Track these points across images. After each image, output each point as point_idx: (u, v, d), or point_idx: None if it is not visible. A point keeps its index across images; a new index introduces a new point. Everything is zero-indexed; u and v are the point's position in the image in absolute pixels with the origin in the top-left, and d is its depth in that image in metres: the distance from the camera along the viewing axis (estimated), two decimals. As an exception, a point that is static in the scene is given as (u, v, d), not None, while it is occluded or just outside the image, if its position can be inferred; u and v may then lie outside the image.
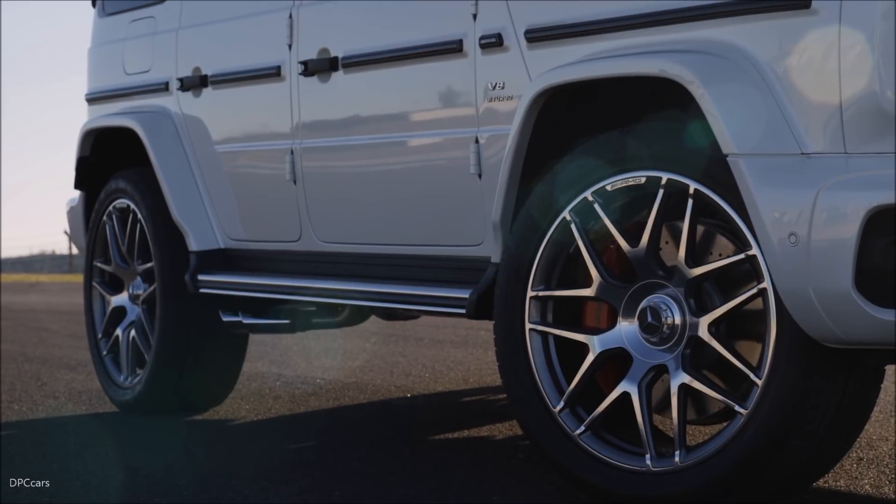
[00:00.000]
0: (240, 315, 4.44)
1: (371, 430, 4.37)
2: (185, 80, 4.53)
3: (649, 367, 3.06)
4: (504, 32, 3.38)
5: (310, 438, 4.27)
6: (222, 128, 4.45)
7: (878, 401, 4.59)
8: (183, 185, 4.54)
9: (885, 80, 2.64)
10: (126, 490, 3.53)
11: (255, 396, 5.14)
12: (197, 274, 4.46)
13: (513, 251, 3.24)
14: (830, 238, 2.64)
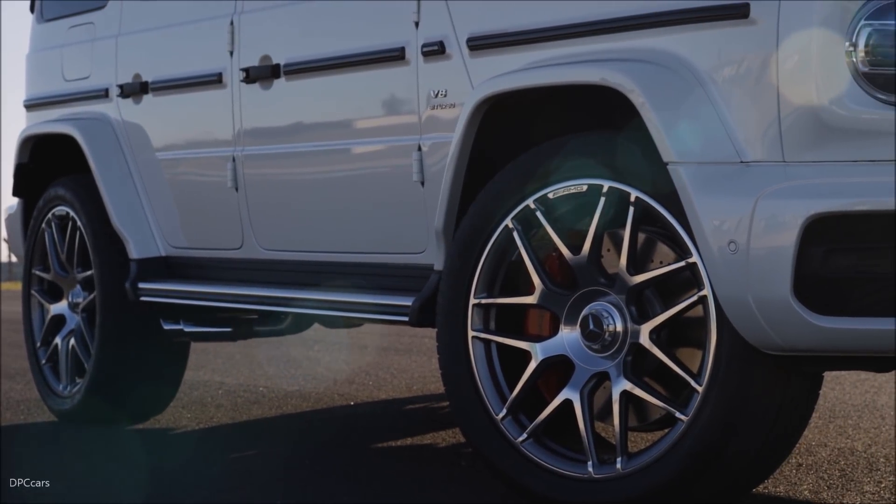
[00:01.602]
0: (181, 323, 4.42)
1: (314, 439, 4.35)
2: (125, 86, 4.50)
3: (591, 375, 3.07)
4: (446, 40, 3.38)
5: (252, 447, 4.25)
6: (163, 135, 4.42)
7: (817, 407, 4.64)
8: (123, 193, 4.50)
9: (823, 90, 2.67)
10: (61, 502, 3.49)
11: (197, 405, 5.11)
12: (137, 282, 4.42)
13: (455, 259, 3.24)
14: (769, 246, 2.67)
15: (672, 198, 2.84)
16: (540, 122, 3.28)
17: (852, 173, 2.68)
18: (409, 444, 4.21)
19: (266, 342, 7.21)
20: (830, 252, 2.65)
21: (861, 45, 2.66)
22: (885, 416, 4.51)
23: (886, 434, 4.18)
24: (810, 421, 4.04)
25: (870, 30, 2.65)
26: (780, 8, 2.69)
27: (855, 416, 4.53)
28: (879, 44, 2.65)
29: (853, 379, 5.37)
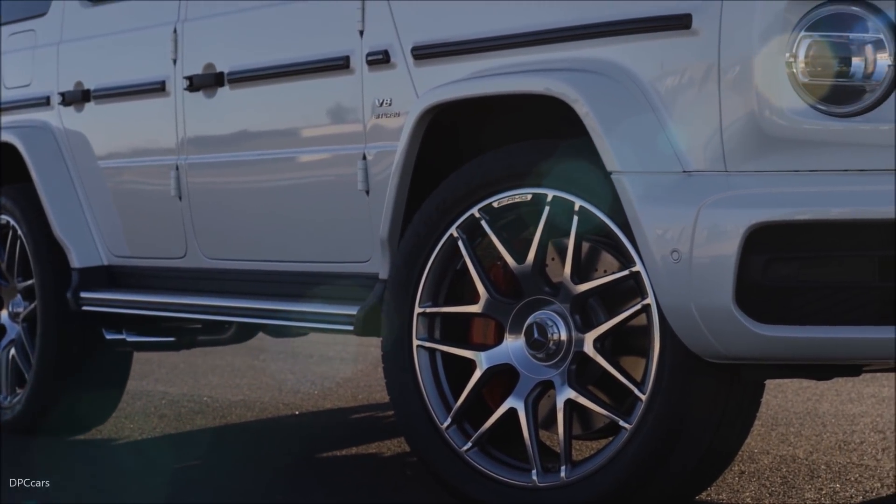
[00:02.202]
0: (123, 333, 4.38)
1: (258, 448, 4.33)
2: (66, 94, 4.46)
3: (536, 383, 3.08)
4: (391, 49, 3.38)
5: (195, 457, 4.22)
6: (105, 143, 4.38)
7: (760, 414, 4.68)
8: (65, 202, 4.46)
9: (764, 100, 2.70)
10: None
11: (140, 415, 5.07)
12: (79, 291, 4.38)
13: (400, 268, 3.24)
14: (711, 255, 2.69)
15: (616, 207, 2.85)
16: (487, 130, 3.29)
17: (793, 183, 2.71)
18: (355, 454, 4.20)
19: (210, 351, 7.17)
20: (772, 261, 2.67)
21: (801, 56, 2.69)
22: (826, 424, 4.55)
23: (827, 441, 4.23)
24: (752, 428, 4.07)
25: (810, 41, 2.68)
26: (721, 19, 2.72)
27: (797, 423, 4.57)
28: (819, 55, 2.68)
29: (795, 387, 5.42)
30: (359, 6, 3.46)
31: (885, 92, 2.69)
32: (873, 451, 4.04)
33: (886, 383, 5.48)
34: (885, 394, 5.23)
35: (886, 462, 3.88)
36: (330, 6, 3.54)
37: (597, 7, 2.98)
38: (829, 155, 2.71)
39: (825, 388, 5.39)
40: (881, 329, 2.66)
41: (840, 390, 5.32)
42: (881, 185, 2.69)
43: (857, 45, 2.68)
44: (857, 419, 4.63)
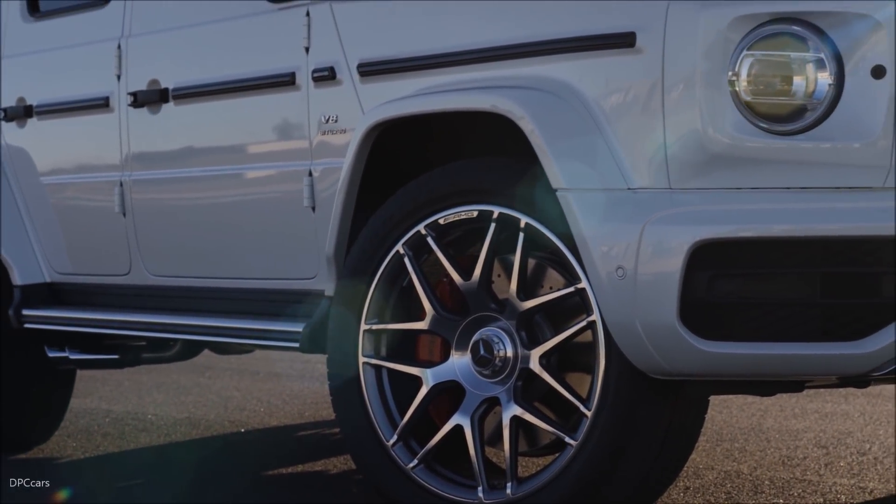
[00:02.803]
0: (66, 351, 4.34)
1: (203, 467, 4.30)
2: (8, 110, 4.42)
3: (482, 400, 3.08)
4: (337, 66, 3.38)
5: (139, 476, 4.18)
6: (48, 159, 4.35)
7: (705, 430, 4.71)
8: (7, 218, 4.42)
9: (707, 118, 2.72)
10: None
11: (83, 434, 5.02)
12: (21, 308, 4.33)
13: (346, 284, 3.23)
14: (656, 271, 2.70)
15: (561, 224, 2.86)
16: (434, 146, 3.30)
17: (737, 200, 2.73)
18: (301, 472, 4.18)
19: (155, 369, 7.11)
20: (715, 277, 2.69)
21: (743, 75, 2.71)
22: (771, 439, 4.59)
23: (771, 457, 4.26)
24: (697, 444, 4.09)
25: (752, 60, 2.71)
26: (665, 37, 2.74)
27: (741, 439, 4.60)
28: (761, 73, 2.71)
29: (740, 402, 5.45)
30: (304, 23, 3.46)
31: (826, 110, 2.72)
32: (816, 467, 4.08)
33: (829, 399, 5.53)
34: (828, 409, 5.28)
35: (829, 477, 3.92)
36: (276, 23, 3.54)
37: (542, 25, 2.99)
38: (771, 172, 2.74)
39: (769, 403, 5.43)
40: (823, 345, 2.69)
41: (784, 406, 5.36)
42: (823, 203, 2.72)
43: (798, 63, 2.71)
44: (801, 434, 4.67)
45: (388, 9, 3.33)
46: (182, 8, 3.85)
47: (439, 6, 3.24)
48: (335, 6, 3.41)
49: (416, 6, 3.28)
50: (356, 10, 3.38)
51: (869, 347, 2.66)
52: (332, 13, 3.41)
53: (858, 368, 2.69)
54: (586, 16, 2.92)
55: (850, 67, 2.71)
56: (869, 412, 5.18)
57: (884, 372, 2.69)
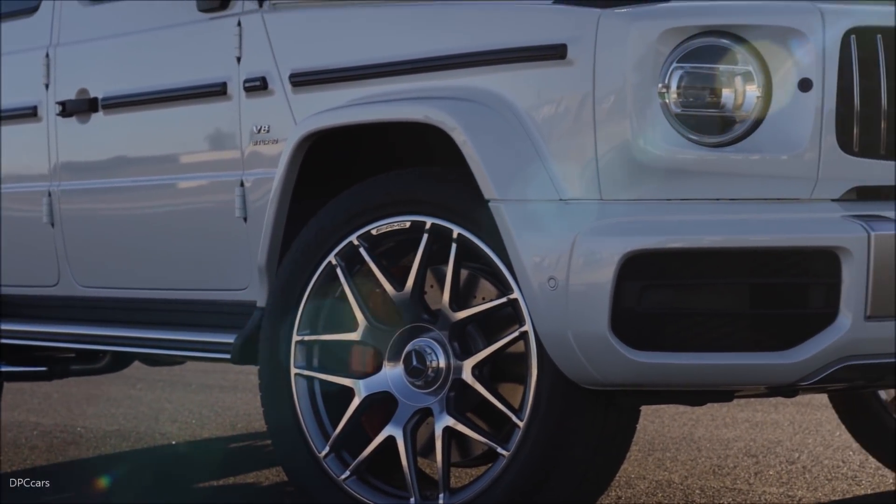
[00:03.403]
0: (-7, 363, 4.28)
1: (133, 480, 4.25)
2: (-64, 118, 4.35)
3: (414, 411, 3.07)
4: (268, 76, 3.37)
5: (68, 489, 4.13)
6: (-24, 169, 4.29)
7: (637, 439, 4.74)
8: (-67, 228, 4.35)
9: (638, 130, 2.74)
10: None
11: (10, 447, 4.94)
12: (-53, 320, 4.27)
13: (278, 295, 3.22)
14: (587, 282, 2.71)
15: (494, 234, 2.87)
16: (368, 157, 3.29)
17: (667, 211, 2.75)
18: (232, 484, 4.15)
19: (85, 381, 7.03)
20: (646, 288, 2.71)
21: (673, 87, 2.74)
22: (702, 448, 4.62)
23: (702, 466, 4.29)
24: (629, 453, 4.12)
25: (681, 72, 2.74)
26: (596, 49, 2.76)
27: (673, 448, 4.63)
28: (691, 85, 2.74)
29: (672, 412, 5.49)
30: (236, 32, 3.44)
31: (754, 122, 2.76)
32: (746, 476, 4.11)
33: (760, 408, 5.59)
34: (759, 418, 5.33)
35: (758, 486, 3.96)
36: (207, 32, 3.52)
37: (475, 36, 3.00)
38: (701, 184, 2.76)
39: (701, 413, 5.48)
40: (752, 355, 2.72)
41: (715, 415, 5.41)
42: (751, 214, 2.75)
43: (727, 76, 2.74)
44: (731, 444, 4.71)
45: (321, 19, 3.33)
46: (112, 17, 3.82)
47: (372, 17, 3.24)
48: (267, 16, 3.40)
49: (349, 17, 3.28)
50: (288, 21, 3.38)
51: (797, 357, 2.69)
52: (264, 23, 3.40)
53: (786, 378, 2.72)
54: (519, 27, 2.94)
55: (778, 80, 2.75)
56: (798, 421, 5.24)
57: (811, 381, 2.72)
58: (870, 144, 2.79)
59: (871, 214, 2.75)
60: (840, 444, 4.65)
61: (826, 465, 4.27)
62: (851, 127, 2.77)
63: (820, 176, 2.76)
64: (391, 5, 3.24)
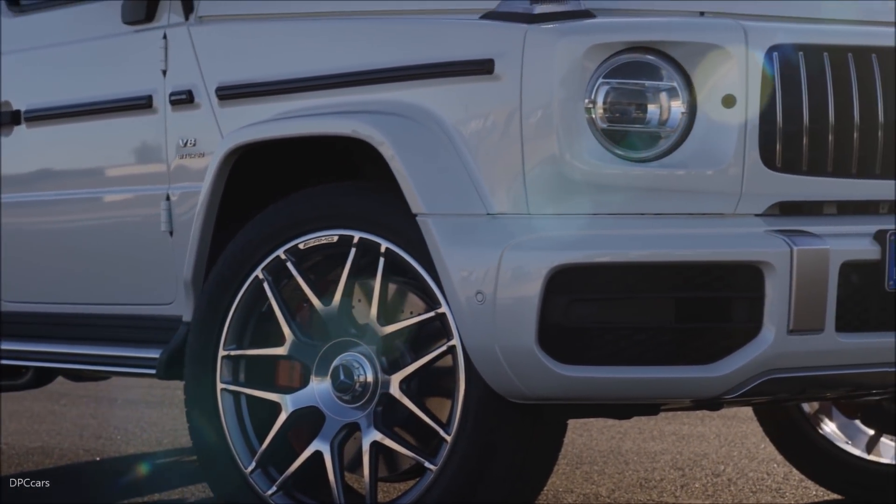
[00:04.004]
0: (-87, 379, 4.20)
1: (56, 498, 4.19)
2: None
3: (342, 426, 3.06)
4: (195, 89, 3.35)
5: (-10, 508, 4.07)
6: None
7: (565, 453, 4.75)
8: None
9: (565, 145, 2.76)
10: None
11: (-69, 465, 4.86)
12: None
13: (204, 310, 3.19)
14: (515, 296, 2.72)
15: (422, 249, 2.87)
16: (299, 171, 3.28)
17: (594, 226, 2.77)
18: (158, 500, 4.11)
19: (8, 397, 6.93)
20: (573, 302, 2.72)
21: (600, 102, 2.76)
22: (629, 462, 4.65)
23: (629, 479, 4.32)
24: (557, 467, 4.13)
25: (608, 87, 2.76)
26: (523, 65, 2.77)
27: (601, 461, 4.65)
28: (617, 101, 2.76)
29: (600, 425, 5.52)
30: (161, 45, 3.42)
31: (679, 138, 2.78)
32: (672, 489, 4.14)
33: (686, 421, 5.64)
34: (685, 431, 5.38)
35: (684, 498, 3.99)
36: (132, 45, 3.50)
37: (403, 50, 3.00)
38: (627, 198, 2.78)
39: (628, 426, 5.51)
40: (678, 369, 2.74)
41: (643, 428, 5.44)
42: (676, 229, 2.78)
43: (652, 92, 2.77)
44: (658, 457, 4.74)
45: (248, 33, 3.32)
46: (37, 28, 3.79)
47: (300, 31, 3.24)
48: (193, 29, 3.38)
49: (277, 31, 3.28)
50: (215, 34, 3.36)
51: (721, 371, 2.72)
52: (190, 36, 3.38)
53: (711, 391, 2.75)
54: (447, 42, 2.94)
55: (702, 96, 2.78)
56: (724, 434, 5.29)
57: (735, 395, 2.75)
58: (792, 160, 2.83)
59: (794, 229, 2.78)
60: (765, 457, 4.70)
61: (751, 478, 4.31)
62: (774, 143, 2.81)
63: (744, 191, 2.79)
64: (319, 20, 3.24)
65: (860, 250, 2.81)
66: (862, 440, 3.89)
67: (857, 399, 3.51)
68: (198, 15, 3.40)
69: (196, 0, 3.40)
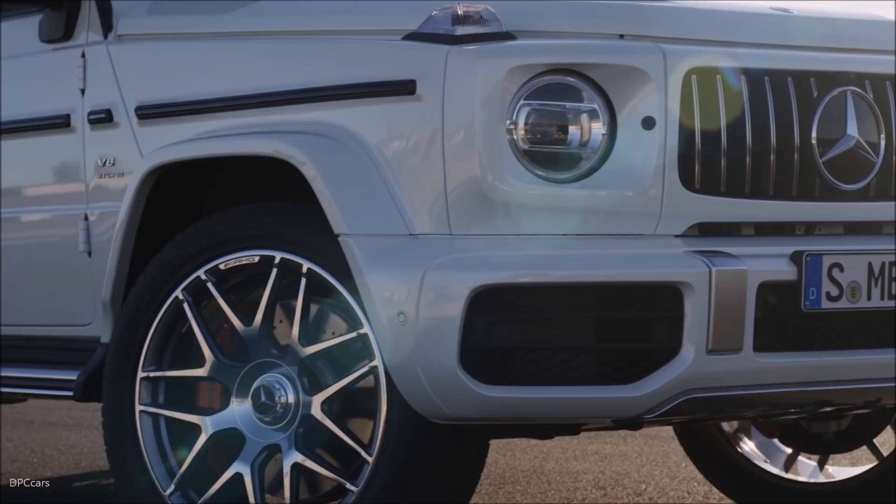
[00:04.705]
0: None
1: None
2: None
3: (262, 447, 3.04)
4: (114, 108, 3.32)
5: None
6: None
7: (488, 473, 4.76)
8: None
9: (486, 166, 2.77)
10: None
11: None
12: None
13: (123, 331, 3.16)
14: (437, 317, 2.72)
15: (344, 269, 2.86)
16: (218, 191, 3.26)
17: (516, 246, 2.78)
18: (76, 525, 4.05)
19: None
20: (495, 323, 2.73)
21: (521, 124, 2.77)
22: (551, 481, 4.66)
23: (552, 499, 4.33)
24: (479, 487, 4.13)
25: (529, 109, 2.77)
26: (445, 86, 2.78)
27: (523, 481, 4.66)
28: (538, 122, 2.78)
29: (523, 445, 5.53)
30: (80, 64, 3.39)
31: (599, 159, 2.81)
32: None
33: (609, 440, 5.67)
34: (608, 451, 5.40)
35: (607, 517, 4.00)
36: (51, 63, 3.47)
37: (326, 71, 3.00)
38: (549, 219, 2.80)
39: (551, 445, 5.53)
40: (599, 389, 2.76)
41: (565, 448, 5.47)
42: (597, 250, 2.80)
43: (573, 114, 2.79)
44: (581, 476, 4.76)
45: (169, 52, 3.30)
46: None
47: (221, 50, 3.23)
48: (112, 48, 3.36)
49: (198, 50, 3.26)
50: (135, 53, 3.34)
51: (641, 391, 2.74)
52: (109, 55, 3.36)
53: (631, 411, 2.77)
54: (370, 63, 2.95)
55: (623, 118, 2.80)
56: (646, 453, 5.33)
57: (655, 414, 2.77)
58: (711, 182, 2.86)
59: (713, 250, 2.82)
60: (685, 476, 4.74)
61: (672, 497, 4.34)
62: (693, 164, 2.84)
63: (663, 212, 2.82)
64: (241, 39, 3.23)
65: (777, 271, 2.85)
66: (780, 459, 3.94)
67: (775, 418, 3.55)
68: (117, 33, 3.38)
69: (115, 18, 3.38)
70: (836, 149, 2.96)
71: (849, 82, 2.99)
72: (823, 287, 2.87)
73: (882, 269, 2.93)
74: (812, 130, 2.94)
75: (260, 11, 3.32)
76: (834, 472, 3.91)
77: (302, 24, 3.16)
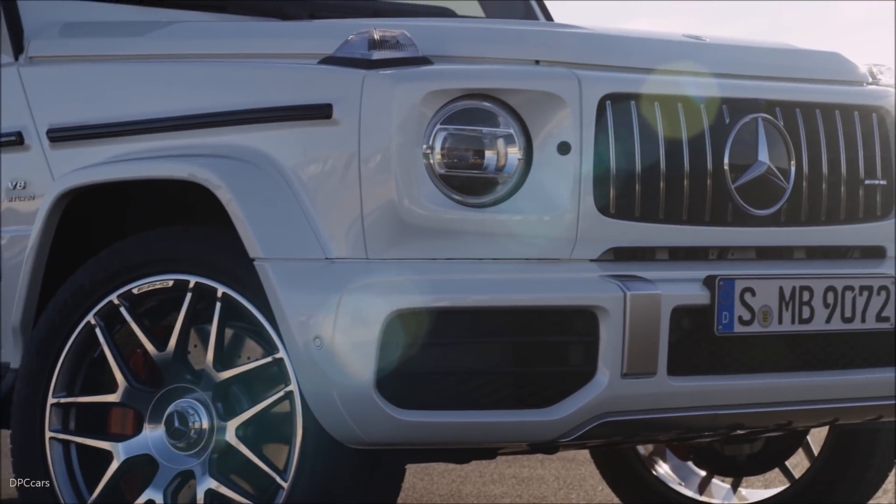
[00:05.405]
0: None
1: None
2: None
3: (176, 473, 3.01)
4: (25, 131, 3.28)
5: None
6: None
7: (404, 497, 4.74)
8: None
9: (403, 190, 2.77)
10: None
11: None
12: None
13: (33, 356, 3.11)
14: (353, 341, 2.71)
15: (259, 293, 2.84)
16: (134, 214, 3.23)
17: (432, 271, 2.79)
18: (-16, 554, 3.97)
19: None
20: (411, 347, 2.73)
21: (437, 148, 2.78)
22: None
23: (469, 522, 4.32)
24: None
25: (445, 133, 2.78)
26: (361, 110, 2.78)
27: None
28: (454, 147, 2.79)
29: (440, 469, 5.52)
30: (-10, 85, 3.36)
31: (516, 184, 2.82)
32: (512, 531, 4.16)
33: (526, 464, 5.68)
34: (525, 474, 5.41)
35: (524, 541, 4.01)
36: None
37: (241, 94, 2.99)
38: (466, 244, 2.81)
39: (469, 469, 5.53)
40: (515, 413, 2.77)
41: (483, 472, 5.46)
42: (514, 273, 2.81)
43: (489, 138, 2.80)
44: (498, 500, 4.76)
45: (82, 74, 3.27)
46: None
47: (135, 73, 3.20)
48: (23, 70, 3.32)
49: (111, 72, 3.24)
50: (47, 75, 3.31)
51: (556, 414, 2.75)
52: (20, 76, 3.32)
53: (547, 435, 2.78)
54: (286, 87, 2.94)
55: (538, 143, 2.82)
56: (563, 476, 5.34)
57: (571, 438, 2.79)
58: (625, 206, 2.89)
59: (628, 275, 2.84)
60: (602, 499, 4.76)
61: (588, 520, 4.36)
62: (608, 189, 2.87)
63: (579, 237, 2.84)
64: (156, 62, 3.21)
65: (690, 295, 2.88)
66: (694, 481, 3.97)
67: (689, 441, 3.58)
68: (28, 55, 3.34)
69: (26, 40, 3.35)
70: (747, 175, 3.01)
71: (760, 109, 3.04)
72: (736, 311, 2.91)
73: (793, 293, 2.97)
74: (724, 156, 2.98)
75: (175, 34, 3.30)
76: (747, 494, 3.96)
77: (217, 48, 3.14)
